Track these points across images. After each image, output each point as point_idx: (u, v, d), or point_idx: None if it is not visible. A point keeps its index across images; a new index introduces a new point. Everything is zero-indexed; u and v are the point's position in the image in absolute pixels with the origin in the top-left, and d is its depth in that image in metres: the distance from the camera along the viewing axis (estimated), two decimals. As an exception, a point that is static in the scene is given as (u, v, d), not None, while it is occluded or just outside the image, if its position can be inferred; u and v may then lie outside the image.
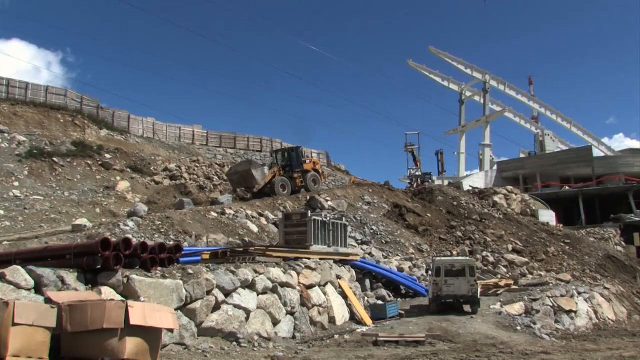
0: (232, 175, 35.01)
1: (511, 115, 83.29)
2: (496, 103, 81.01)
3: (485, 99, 76.41)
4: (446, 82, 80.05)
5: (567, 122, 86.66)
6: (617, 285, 31.29)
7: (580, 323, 23.75)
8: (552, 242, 37.71)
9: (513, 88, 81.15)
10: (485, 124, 75.69)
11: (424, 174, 59.84)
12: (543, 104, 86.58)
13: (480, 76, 76.23)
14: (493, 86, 77.50)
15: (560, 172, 68.62)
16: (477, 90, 79.76)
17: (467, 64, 76.08)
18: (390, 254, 27.56)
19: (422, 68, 78.86)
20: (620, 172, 65.97)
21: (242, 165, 35.55)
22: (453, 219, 37.05)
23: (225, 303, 12.80)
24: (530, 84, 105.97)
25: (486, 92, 76.20)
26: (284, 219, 20.74)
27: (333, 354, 12.76)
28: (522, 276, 29.12)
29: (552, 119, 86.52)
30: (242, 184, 33.96)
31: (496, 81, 78.23)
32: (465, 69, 76.04)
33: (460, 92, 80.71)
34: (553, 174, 68.28)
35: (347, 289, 18.74)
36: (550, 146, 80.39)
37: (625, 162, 69.83)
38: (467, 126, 79.01)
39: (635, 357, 13.51)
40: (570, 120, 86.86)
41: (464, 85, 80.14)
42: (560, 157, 71.41)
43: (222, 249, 17.64)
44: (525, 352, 13.35)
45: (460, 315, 19.33)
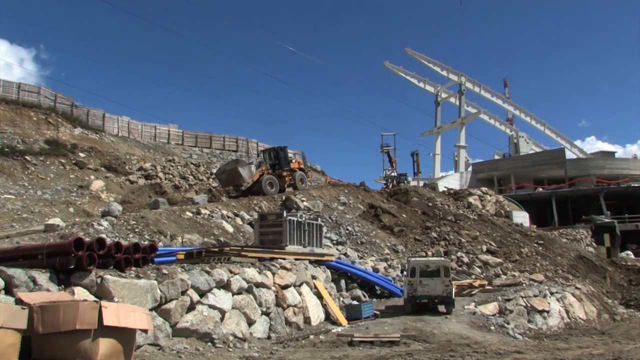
0: (221, 175, 35.73)
1: (486, 117, 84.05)
2: (471, 105, 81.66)
3: (461, 101, 76.92)
4: (422, 83, 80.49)
5: (541, 125, 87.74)
6: (587, 285, 31.72)
7: (552, 322, 24.05)
8: (526, 243, 38.11)
9: (488, 90, 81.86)
10: (460, 125, 76.21)
11: (399, 174, 60.07)
12: (517, 106, 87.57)
13: (456, 78, 76.74)
14: (468, 88, 78.09)
15: (533, 174, 69.39)
16: (452, 92, 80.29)
17: (443, 66, 76.55)
18: (366, 255, 27.62)
19: (398, 69, 79.20)
20: (591, 174, 66.92)
21: (230, 164, 36.38)
22: (428, 219, 37.25)
23: (200, 303, 12.72)
24: (505, 87, 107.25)
25: (462, 94, 76.71)
26: (260, 219, 20.69)
27: (308, 354, 12.75)
28: (496, 276, 29.37)
29: (527, 121, 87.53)
30: (230, 182, 34.75)
31: (472, 83, 78.84)
32: (441, 70, 76.50)
33: (436, 94, 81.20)
34: (527, 176, 69.01)
35: (323, 289, 18.74)
36: (524, 148, 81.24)
37: (597, 164, 70.89)
38: (443, 127, 79.49)
39: (604, 354, 13.74)
40: (544, 122, 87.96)
41: (439, 87, 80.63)
42: (534, 159, 72.21)
43: (197, 249, 17.54)
44: (499, 352, 13.46)
45: (435, 316, 19.43)
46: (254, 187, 34.15)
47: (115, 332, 8.23)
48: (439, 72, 76.70)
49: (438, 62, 76.42)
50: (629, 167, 71.73)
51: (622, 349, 15.49)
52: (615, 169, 69.81)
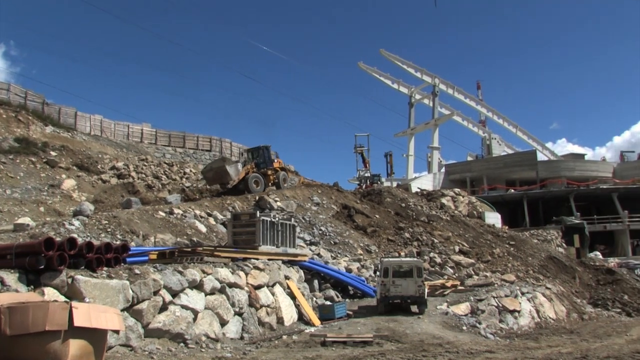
0: (207, 173, 36.05)
1: (459, 118, 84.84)
2: (445, 106, 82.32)
3: (434, 102, 77.49)
4: (396, 84, 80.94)
5: (513, 127, 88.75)
6: (557, 285, 32.14)
7: (523, 322, 24.34)
8: (498, 244, 38.48)
9: (462, 92, 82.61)
10: (434, 126, 76.77)
11: (373, 175, 60.27)
12: (490, 108, 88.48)
13: (430, 79, 77.27)
14: (442, 90, 78.69)
15: (506, 175, 70.20)
16: (426, 94, 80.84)
17: (417, 67, 77.01)
18: (339, 255, 27.64)
19: (372, 70, 79.54)
20: (562, 176, 67.98)
21: (217, 162, 36.96)
22: (401, 220, 37.43)
23: (172, 303, 12.64)
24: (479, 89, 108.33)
25: (435, 96, 77.27)
26: (233, 219, 20.62)
27: (281, 354, 12.74)
28: (468, 277, 29.58)
29: (499, 123, 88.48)
30: (216, 180, 35.32)
31: (445, 85, 79.46)
32: (415, 72, 76.94)
33: (409, 95, 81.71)
34: (499, 177, 69.77)
35: (296, 290, 18.73)
36: (496, 150, 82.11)
37: (567, 166, 72.00)
38: (416, 129, 79.98)
39: (572, 353, 13.95)
40: (516, 124, 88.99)
41: (413, 88, 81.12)
42: (506, 161, 73.10)
43: (170, 248, 17.42)
44: (470, 352, 13.58)
45: (408, 316, 19.52)
46: (240, 185, 34.90)
47: (86, 333, 8.13)
48: (413, 74, 77.17)
49: (412, 64, 76.89)
50: (598, 169, 73.04)
51: (590, 347, 15.85)
52: (585, 171, 71.03)
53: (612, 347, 16.28)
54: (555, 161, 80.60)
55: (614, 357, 12.97)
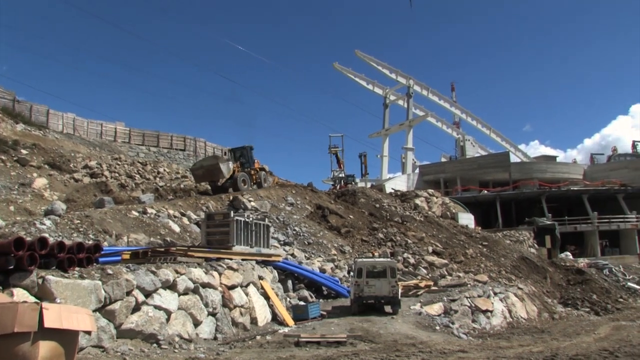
0: (197, 170, 36.32)
1: (433, 120, 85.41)
2: (419, 108, 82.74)
3: (409, 104, 77.85)
4: (371, 85, 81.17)
5: (487, 128, 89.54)
6: (529, 285, 32.52)
7: (496, 322, 24.58)
8: (471, 244, 38.80)
9: (436, 94, 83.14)
10: (408, 127, 77.12)
11: (347, 176, 60.30)
12: (464, 110, 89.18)
13: (405, 81, 77.61)
14: (416, 91, 79.07)
15: (479, 177, 70.81)
16: (401, 95, 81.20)
17: (392, 69, 77.30)
18: (313, 255, 27.65)
19: (347, 71, 79.67)
20: (534, 178, 68.82)
21: (209, 160, 37.53)
22: (375, 220, 37.55)
23: (145, 304, 12.55)
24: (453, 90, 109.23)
25: (410, 97, 77.64)
26: (207, 219, 20.49)
27: (255, 355, 12.72)
28: (441, 277, 29.77)
29: (473, 124, 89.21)
30: (206, 177, 35.65)
31: (420, 86, 79.89)
32: (389, 73, 77.23)
33: (384, 96, 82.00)
34: (472, 178, 70.34)
35: (269, 290, 18.71)
36: (470, 151, 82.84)
37: (539, 168, 72.93)
38: (391, 130, 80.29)
39: (542, 352, 14.20)
40: (489, 126, 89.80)
41: (388, 89, 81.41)
42: (480, 162, 73.76)
43: (143, 248, 17.28)
44: (443, 351, 13.68)
45: (381, 316, 19.59)
46: (226, 183, 35.50)
47: (57, 334, 8.03)
48: (388, 75, 77.46)
49: (387, 65, 77.17)
50: (569, 171, 74.06)
51: (560, 346, 16.17)
52: (556, 173, 71.99)
53: (580, 345, 16.69)
54: (528, 163, 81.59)
55: (583, 355, 13.22)
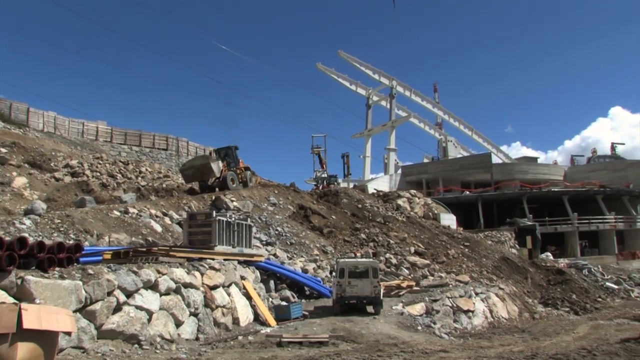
0: (187, 170, 36.24)
1: (416, 120, 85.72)
2: (402, 108, 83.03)
3: (392, 104, 78.04)
4: (354, 86, 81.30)
5: (469, 130, 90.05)
6: (510, 286, 32.75)
7: (477, 322, 24.75)
8: (453, 245, 38.97)
9: (418, 94, 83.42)
10: (390, 128, 77.29)
11: (329, 176, 60.32)
12: (446, 111, 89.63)
13: (387, 82, 77.77)
14: (399, 92, 79.28)
15: (461, 177, 71.17)
16: (383, 95, 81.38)
17: (375, 69, 77.47)
18: (295, 255, 27.64)
19: (330, 71, 79.73)
20: (516, 179, 69.31)
21: (199, 159, 37.62)
22: (357, 221, 37.61)
23: (126, 304, 12.49)
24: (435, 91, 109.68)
25: (392, 98, 77.83)
26: (189, 219, 20.41)
27: (237, 355, 12.70)
28: (423, 277, 29.87)
29: (455, 125, 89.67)
30: (197, 177, 35.81)
31: (402, 87, 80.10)
32: (372, 74, 77.39)
33: (367, 97, 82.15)
34: (454, 179, 70.67)
35: (251, 290, 18.69)
36: (452, 152, 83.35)
37: (521, 169, 73.48)
38: (373, 130, 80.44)
39: (523, 351, 14.34)
40: (471, 127, 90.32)
41: (371, 90, 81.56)
42: (462, 163, 74.16)
43: (125, 248, 17.17)
44: (425, 351, 13.75)
45: (363, 316, 19.63)
46: (215, 182, 35.96)
47: (36, 335, 7.95)
48: (371, 76, 77.61)
49: (370, 66, 77.34)
50: (550, 172, 74.73)
51: (540, 345, 16.35)
52: (537, 174, 72.60)
53: (560, 344, 16.90)
54: (509, 164, 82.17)
55: (562, 354, 13.35)
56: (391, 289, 25.27)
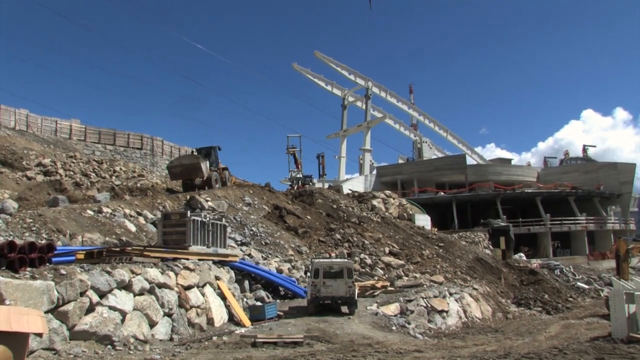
0: (175, 168, 36.61)
1: (391, 121, 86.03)
2: (377, 109, 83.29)
3: (367, 105, 78.23)
4: (330, 86, 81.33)
5: (444, 131, 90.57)
6: (484, 286, 33.05)
7: (451, 322, 24.95)
8: (427, 245, 39.20)
9: (394, 95, 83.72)
10: (366, 129, 77.46)
11: (304, 176, 60.30)
12: (422, 112, 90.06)
13: (363, 82, 77.92)
14: (375, 93, 79.49)
15: (436, 178, 71.53)
16: (359, 96, 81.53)
17: (351, 70, 77.58)
18: (270, 256, 27.61)
19: (306, 72, 79.69)
20: (490, 180, 69.90)
21: (188, 158, 37.72)
22: (332, 221, 37.66)
23: (100, 304, 12.39)
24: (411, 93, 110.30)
25: (368, 98, 78.00)
26: (163, 219, 20.31)
27: (211, 355, 12.67)
28: (398, 278, 30.00)
29: (430, 127, 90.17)
30: (184, 175, 36.19)
31: (378, 88, 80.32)
32: (348, 74, 77.49)
33: (343, 97, 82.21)
34: (429, 180, 71.02)
35: (226, 290, 18.64)
36: (427, 153, 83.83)
37: (495, 170, 74.15)
38: (349, 131, 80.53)
39: (496, 350, 14.54)
40: (446, 129, 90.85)
41: (346, 91, 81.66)
42: (436, 164, 74.58)
43: (98, 248, 17.03)
44: (399, 351, 13.83)
45: (338, 316, 19.68)
46: (199, 182, 36.58)
47: (5, 337, 7.82)
48: (347, 76, 77.72)
49: (346, 66, 77.44)
50: (523, 173, 75.52)
51: (512, 345, 16.60)
52: (511, 176, 73.30)
53: (532, 344, 17.20)
54: (484, 165, 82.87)
55: (534, 353, 13.55)
56: (366, 289, 25.34)
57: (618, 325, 16.31)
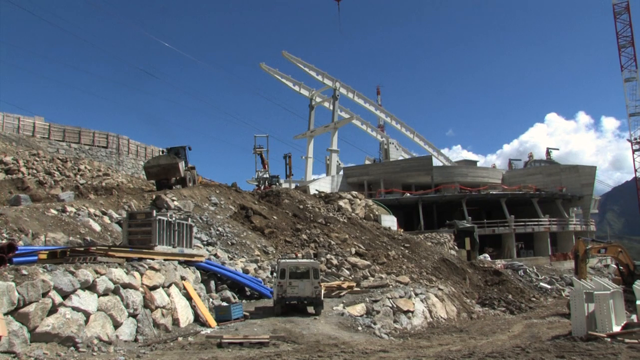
0: (152, 168, 36.82)
1: (358, 122, 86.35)
2: (345, 110, 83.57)
3: (334, 106, 78.40)
4: (297, 87, 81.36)
5: (411, 132, 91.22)
6: (449, 286, 33.39)
7: (417, 322, 25.16)
8: (393, 246, 39.46)
9: (361, 96, 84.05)
10: (333, 130, 77.64)
11: (271, 176, 60.25)
12: (389, 114, 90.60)
13: (331, 83, 78.07)
14: (342, 94, 79.73)
15: (402, 179, 72.01)
16: (327, 97, 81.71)
17: (319, 71, 77.67)
18: (236, 256, 27.54)
19: (274, 72, 79.58)
20: (455, 181, 70.62)
21: (165, 158, 37.52)
22: (299, 221, 37.67)
23: (63, 305, 12.23)
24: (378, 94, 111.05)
25: (335, 99, 78.19)
26: (128, 218, 20.14)
27: (176, 356, 12.61)
28: (364, 278, 30.12)
29: (397, 128, 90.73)
30: (161, 175, 36.52)
31: (345, 89, 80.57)
32: (316, 75, 77.57)
33: (310, 98, 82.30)
34: (396, 181, 71.48)
35: (192, 291, 18.56)
36: (394, 154, 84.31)
37: (460, 172, 74.92)
38: (316, 131, 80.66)
39: (461, 350, 14.76)
40: (413, 130, 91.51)
41: (314, 91, 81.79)
42: (403, 165, 75.07)
43: (61, 248, 16.81)
44: (365, 351, 13.91)
45: (304, 317, 19.70)
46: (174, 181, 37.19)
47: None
48: (315, 77, 77.81)
49: (314, 67, 77.51)
50: (488, 175, 76.43)
51: (477, 344, 16.87)
52: (476, 177, 74.13)
53: (496, 343, 17.50)
54: (450, 167, 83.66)
55: (497, 352, 13.79)
56: (332, 290, 25.41)
57: (578, 324, 16.78)
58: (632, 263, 32.96)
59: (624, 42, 75.90)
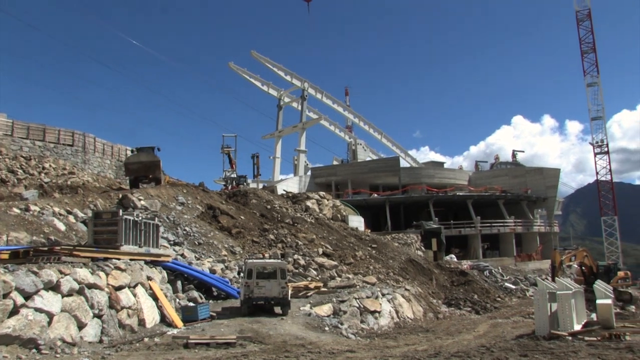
0: (133, 164, 37.09)
1: (326, 123, 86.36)
2: (313, 110, 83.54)
3: (303, 106, 78.33)
4: (266, 86, 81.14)
5: (379, 133, 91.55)
6: (416, 287, 33.64)
7: (383, 322, 25.30)
8: (360, 247, 39.60)
9: (330, 97, 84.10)
10: (301, 130, 77.58)
11: (239, 176, 60.01)
12: (357, 115, 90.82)
13: (299, 83, 77.99)
14: (311, 94, 79.69)
15: (370, 180, 72.24)
16: (295, 97, 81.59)
17: (287, 71, 77.53)
18: (203, 256, 27.41)
19: (242, 71, 79.24)
20: (423, 182, 71.03)
21: (147, 155, 37.78)
22: (266, 222, 37.62)
23: (25, 307, 12.03)
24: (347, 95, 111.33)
25: (304, 100, 78.10)
26: (94, 218, 19.91)
27: (142, 357, 12.51)
28: (331, 279, 30.18)
29: (365, 129, 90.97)
30: (141, 172, 36.85)
31: (314, 89, 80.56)
32: (285, 75, 77.39)
33: (279, 98, 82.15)
34: (363, 182, 71.66)
35: (158, 291, 18.43)
36: (361, 155, 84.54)
37: (427, 173, 75.39)
38: (284, 131, 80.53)
39: (427, 350, 14.93)
40: (381, 131, 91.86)
41: (283, 91, 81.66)
42: (371, 166, 75.29)
43: (24, 248, 16.55)
44: (332, 352, 13.96)
45: (271, 317, 19.71)
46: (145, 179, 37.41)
47: None
48: (283, 77, 77.62)
49: (282, 67, 77.34)
50: (455, 177, 77.11)
51: (443, 344, 17.04)
52: (443, 178, 74.71)
53: (461, 342, 17.71)
54: (417, 168, 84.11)
55: (463, 352, 13.97)
56: (299, 290, 25.42)
57: (541, 323, 17.17)
58: (595, 265, 33.72)
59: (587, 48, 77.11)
